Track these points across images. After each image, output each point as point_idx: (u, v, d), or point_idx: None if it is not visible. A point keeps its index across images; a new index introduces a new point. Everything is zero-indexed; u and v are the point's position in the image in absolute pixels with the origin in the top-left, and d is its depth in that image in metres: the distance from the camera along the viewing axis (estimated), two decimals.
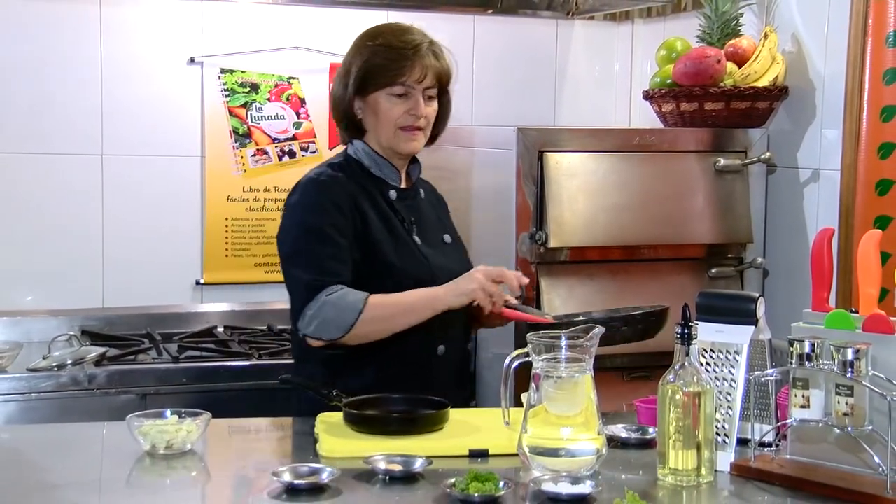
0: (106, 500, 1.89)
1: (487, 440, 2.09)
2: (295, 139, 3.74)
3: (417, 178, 2.71)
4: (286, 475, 1.84)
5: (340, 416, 2.20)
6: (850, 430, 1.86)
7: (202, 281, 3.68)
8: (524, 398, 1.98)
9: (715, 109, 3.27)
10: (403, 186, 2.65)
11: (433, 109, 2.61)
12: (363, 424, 2.16)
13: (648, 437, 2.12)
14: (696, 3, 3.59)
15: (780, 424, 1.98)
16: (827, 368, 1.89)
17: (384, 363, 2.47)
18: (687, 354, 1.89)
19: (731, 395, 1.99)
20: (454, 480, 1.81)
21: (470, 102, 3.85)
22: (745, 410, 1.98)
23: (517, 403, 2.15)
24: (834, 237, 2.31)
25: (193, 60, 3.63)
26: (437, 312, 2.44)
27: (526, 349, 1.98)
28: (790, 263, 3.27)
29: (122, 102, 3.57)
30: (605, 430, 1.94)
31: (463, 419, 2.22)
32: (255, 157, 3.70)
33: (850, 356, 1.86)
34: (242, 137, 3.68)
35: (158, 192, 3.62)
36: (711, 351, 2.02)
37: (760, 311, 2.02)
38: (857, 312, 1.99)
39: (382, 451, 1.97)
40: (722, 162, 3.25)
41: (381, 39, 2.60)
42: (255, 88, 3.69)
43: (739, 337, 2.00)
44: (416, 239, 2.60)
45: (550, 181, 3.08)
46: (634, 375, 3.01)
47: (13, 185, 3.48)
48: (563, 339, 1.93)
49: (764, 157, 3.26)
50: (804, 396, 1.92)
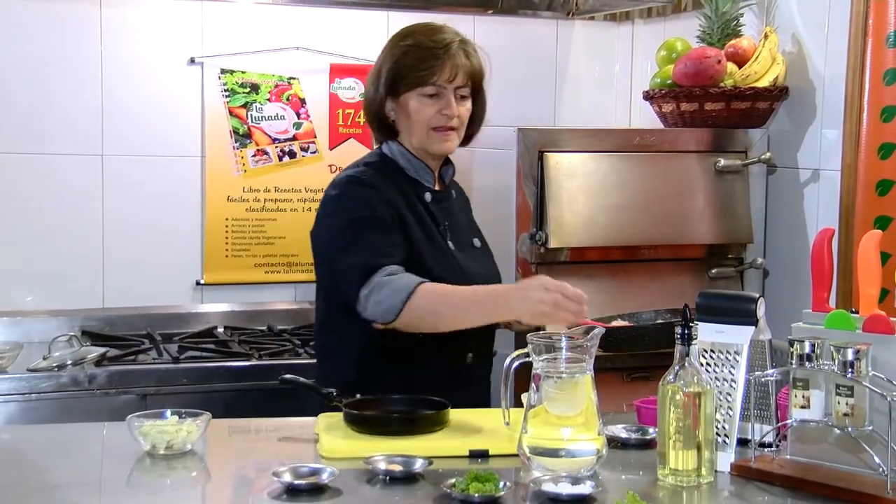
0: (106, 500, 1.89)
1: (487, 441, 2.09)
2: (295, 139, 3.74)
3: (451, 180, 2.66)
4: (286, 475, 1.83)
5: (340, 416, 2.20)
6: (850, 430, 1.86)
7: (202, 281, 3.68)
8: (524, 398, 1.98)
9: (715, 110, 3.27)
10: (437, 189, 2.61)
11: (466, 109, 2.57)
12: (363, 424, 2.15)
13: (648, 437, 2.12)
14: (696, 3, 3.59)
15: (780, 425, 1.98)
16: (827, 369, 1.89)
17: (413, 369, 2.43)
18: (687, 355, 1.89)
19: (731, 395, 1.99)
20: (454, 481, 1.81)
21: None
22: (745, 411, 1.98)
23: (517, 403, 2.14)
24: (834, 237, 2.30)
25: (193, 61, 3.63)
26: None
27: (526, 349, 1.98)
28: (790, 264, 3.27)
29: (122, 102, 3.57)
30: (605, 430, 1.94)
31: (463, 419, 2.21)
32: (255, 157, 3.70)
33: (850, 356, 1.86)
34: (242, 138, 3.68)
35: (158, 192, 3.62)
36: (711, 351, 2.02)
37: (760, 311, 2.02)
38: (857, 313, 1.99)
39: (382, 451, 1.97)
40: (722, 162, 3.26)
41: (411, 39, 2.56)
42: (255, 89, 3.69)
43: (739, 337, 2.00)
44: (450, 244, 2.56)
45: (550, 181, 3.08)
46: (634, 376, 3.01)
47: (13, 185, 3.48)
48: (563, 339, 1.93)
49: (764, 157, 3.26)
50: (804, 397, 1.92)
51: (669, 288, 3.14)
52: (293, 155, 3.73)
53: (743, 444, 1.99)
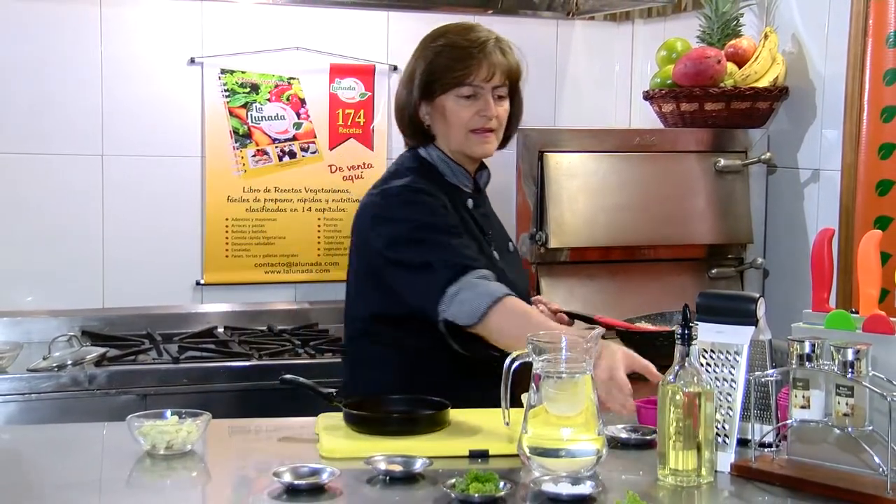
0: (106, 500, 1.89)
1: (487, 441, 2.09)
2: (295, 139, 3.74)
3: (486, 184, 2.59)
4: (286, 475, 1.83)
5: (340, 416, 2.20)
6: (850, 430, 1.86)
7: (202, 281, 3.68)
8: (524, 398, 1.98)
9: (715, 110, 3.27)
10: (475, 193, 2.55)
11: (504, 109, 2.49)
12: (363, 425, 2.15)
13: (648, 437, 2.12)
14: (696, 3, 3.59)
15: (780, 425, 1.98)
16: (827, 369, 1.89)
17: (456, 378, 2.35)
18: (687, 355, 1.89)
19: (731, 395, 1.99)
20: (454, 481, 1.81)
21: None
22: (745, 411, 1.98)
23: (516, 404, 2.14)
24: (834, 237, 2.30)
25: (194, 61, 3.63)
26: None
27: (526, 349, 1.98)
28: (790, 264, 3.27)
29: (122, 102, 3.57)
30: (605, 430, 1.94)
31: (463, 420, 2.21)
32: (255, 157, 3.70)
33: (850, 356, 1.86)
34: (242, 138, 3.68)
35: (158, 192, 3.62)
36: (711, 351, 2.02)
37: (760, 311, 2.02)
38: (857, 313, 1.99)
39: (382, 451, 1.97)
40: (722, 162, 3.26)
41: (443, 39, 2.48)
42: (255, 89, 3.69)
43: (739, 337, 2.00)
44: (495, 254, 2.50)
45: (550, 181, 3.09)
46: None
47: (13, 185, 3.48)
48: (563, 339, 1.93)
49: (764, 157, 3.26)
50: (804, 397, 1.92)
51: (669, 288, 3.15)
52: (293, 155, 3.74)
53: (743, 444, 1.99)
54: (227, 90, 3.66)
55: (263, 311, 3.71)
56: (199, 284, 3.68)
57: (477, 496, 1.77)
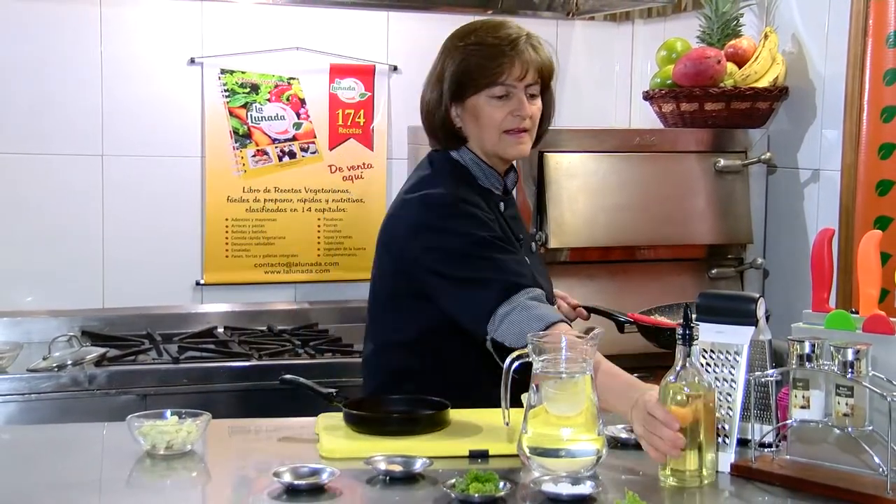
0: (106, 500, 1.89)
1: (487, 441, 2.09)
2: (295, 140, 3.74)
3: (514, 186, 2.53)
4: (286, 475, 1.83)
5: (340, 416, 2.20)
6: (850, 430, 1.86)
7: (202, 281, 3.68)
8: (524, 399, 1.98)
9: (715, 110, 3.27)
10: (504, 196, 2.48)
11: (537, 108, 2.40)
12: (363, 425, 2.15)
13: None
14: (696, 3, 3.59)
15: (780, 425, 1.98)
16: (827, 369, 1.89)
17: (484, 387, 2.23)
18: (688, 355, 1.89)
19: (731, 395, 1.99)
20: (454, 481, 1.81)
21: None
22: (745, 411, 1.98)
23: (516, 404, 2.14)
24: (834, 238, 2.30)
25: (193, 61, 3.63)
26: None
27: (526, 350, 1.98)
28: (790, 264, 3.27)
29: (122, 102, 3.57)
30: (605, 430, 1.94)
31: (463, 419, 2.21)
32: (255, 157, 3.70)
33: (850, 357, 1.86)
34: (242, 138, 3.68)
35: (158, 192, 3.62)
36: (711, 351, 2.02)
37: (760, 311, 2.02)
38: (857, 313, 1.99)
39: (382, 451, 1.96)
40: (722, 162, 3.26)
41: (473, 38, 2.38)
42: (255, 89, 3.69)
43: (740, 337, 2.00)
44: (526, 259, 2.42)
45: (550, 182, 3.09)
46: (635, 376, 3.00)
47: (13, 185, 3.48)
48: (563, 339, 1.93)
49: (764, 157, 3.26)
50: (804, 397, 1.92)
51: (669, 288, 3.14)
52: (293, 155, 3.74)
53: (743, 444, 1.99)
54: (227, 90, 3.66)
55: (263, 311, 3.71)
56: (199, 284, 3.68)
57: (477, 496, 1.77)
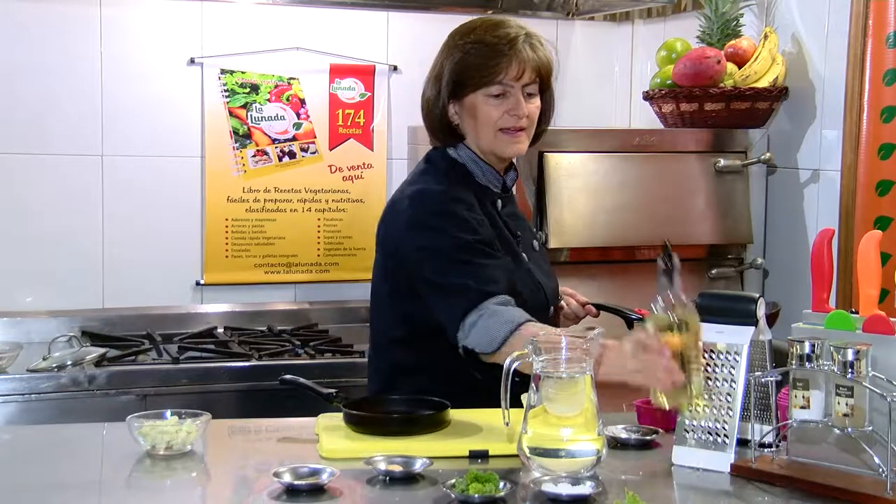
0: (106, 500, 1.89)
1: (487, 441, 2.09)
2: (295, 140, 3.74)
3: (513, 184, 2.54)
4: (286, 476, 1.83)
5: (340, 416, 2.20)
6: (850, 430, 1.86)
7: (202, 281, 3.68)
8: (524, 399, 1.98)
9: (715, 110, 3.27)
10: (503, 193, 2.49)
11: (535, 107, 2.41)
12: (363, 425, 2.15)
13: (648, 437, 2.12)
14: (696, 3, 3.59)
15: (780, 425, 1.98)
16: (827, 369, 1.89)
17: (488, 391, 2.18)
18: (671, 284, 1.96)
19: (731, 395, 1.99)
20: (454, 481, 1.81)
21: None
22: (745, 411, 1.98)
23: (516, 404, 2.14)
24: (834, 238, 2.30)
25: (193, 61, 3.63)
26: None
27: (526, 350, 1.98)
28: (790, 264, 3.27)
29: (122, 102, 3.57)
30: (605, 430, 1.94)
31: (463, 420, 2.21)
32: (255, 157, 3.70)
33: (850, 357, 1.86)
34: (242, 138, 3.68)
35: (158, 192, 3.62)
36: (712, 352, 2.02)
37: (760, 311, 2.02)
38: (857, 313, 1.99)
39: (382, 451, 1.97)
40: (722, 162, 3.26)
41: (472, 36, 2.40)
42: (255, 89, 3.69)
43: (739, 337, 2.00)
44: (524, 256, 2.45)
45: (550, 182, 3.09)
46: None
47: (13, 185, 3.48)
48: (563, 339, 1.93)
49: (764, 157, 3.26)
50: (804, 397, 1.92)
51: None
52: (293, 155, 3.74)
53: (743, 444, 1.99)
54: (226, 90, 3.66)
55: (263, 311, 3.71)
56: (198, 285, 3.68)
57: (477, 496, 1.77)
